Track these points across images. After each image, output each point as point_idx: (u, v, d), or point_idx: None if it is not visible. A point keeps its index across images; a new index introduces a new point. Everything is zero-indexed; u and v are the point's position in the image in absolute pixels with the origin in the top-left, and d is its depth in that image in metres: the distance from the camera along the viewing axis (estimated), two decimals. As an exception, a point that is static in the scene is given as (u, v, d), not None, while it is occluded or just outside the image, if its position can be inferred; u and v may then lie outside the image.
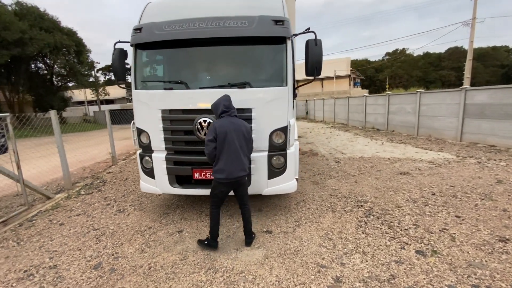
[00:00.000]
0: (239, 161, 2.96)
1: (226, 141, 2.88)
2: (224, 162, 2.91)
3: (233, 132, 2.91)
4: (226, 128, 2.89)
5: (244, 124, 3.07)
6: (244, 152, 3.01)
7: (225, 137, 2.88)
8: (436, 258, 2.80)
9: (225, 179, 2.94)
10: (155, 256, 3.04)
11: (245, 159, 3.03)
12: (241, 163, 2.97)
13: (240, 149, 2.96)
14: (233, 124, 2.95)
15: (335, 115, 20.47)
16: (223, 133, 2.88)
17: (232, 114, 3.03)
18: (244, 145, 3.01)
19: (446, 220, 3.64)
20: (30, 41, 20.41)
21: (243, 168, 3.00)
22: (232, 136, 2.90)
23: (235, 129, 2.93)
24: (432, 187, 5.01)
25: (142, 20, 3.74)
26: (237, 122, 3.01)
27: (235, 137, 2.91)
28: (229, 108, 3.02)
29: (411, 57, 63.54)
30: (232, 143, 2.90)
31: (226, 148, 2.90)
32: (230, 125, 2.93)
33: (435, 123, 10.60)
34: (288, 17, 3.59)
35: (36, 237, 3.63)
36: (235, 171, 2.93)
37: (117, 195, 5.22)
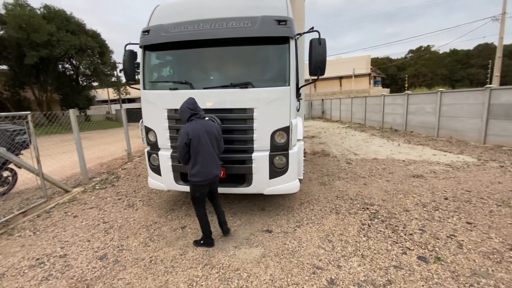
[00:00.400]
0: (215, 161, 3.08)
1: (200, 144, 2.93)
2: (201, 165, 2.97)
3: (206, 135, 2.97)
4: (199, 132, 2.93)
5: (215, 125, 3.20)
6: (217, 152, 3.14)
7: (199, 141, 2.92)
8: (439, 265, 2.69)
9: (203, 181, 3.02)
10: (157, 250, 3.16)
11: (218, 158, 3.17)
12: (217, 163, 3.12)
13: (214, 150, 3.07)
14: (205, 127, 3.01)
15: (352, 114, 20.00)
16: (197, 136, 2.91)
17: (201, 116, 3.10)
18: (216, 145, 3.11)
19: (455, 226, 3.48)
20: (58, 43, 21.65)
21: (218, 167, 3.16)
22: (205, 138, 2.96)
23: (207, 131, 3.00)
24: (446, 191, 4.79)
25: (151, 23, 3.87)
26: (208, 124, 3.08)
27: (208, 139, 2.98)
28: (196, 111, 3.05)
29: (437, 55, 60.62)
30: (206, 145, 2.97)
31: (201, 151, 2.95)
32: (202, 128, 2.97)
33: (457, 124, 10.07)
34: (292, 17, 3.57)
35: (51, 227, 3.89)
36: (212, 171, 3.06)
37: (129, 191, 5.45)
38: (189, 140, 2.91)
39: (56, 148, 9.98)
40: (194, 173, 2.99)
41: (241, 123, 3.56)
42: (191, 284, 2.54)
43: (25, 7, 22.40)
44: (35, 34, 20.32)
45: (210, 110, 3.56)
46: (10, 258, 3.11)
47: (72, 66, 28.19)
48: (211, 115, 3.47)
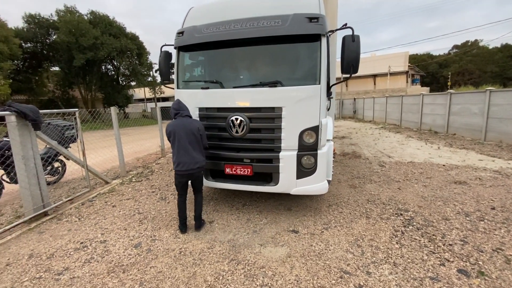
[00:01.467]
0: (189, 156, 3.33)
1: (176, 139, 3.31)
2: (176, 156, 3.36)
3: (182, 131, 3.31)
4: (175, 128, 3.32)
5: (194, 123, 3.41)
6: (195, 148, 3.37)
7: (174, 135, 3.32)
8: (482, 280, 2.46)
9: (179, 171, 3.36)
10: (186, 242, 3.30)
11: (197, 154, 3.39)
12: (192, 158, 3.34)
13: (190, 145, 3.32)
14: (183, 124, 3.35)
15: (386, 115, 18.97)
16: (173, 132, 3.33)
17: (183, 115, 3.43)
18: (195, 142, 3.36)
19: (503, 239, 3.15)
20: (101, 46, 23.49)
21: (195, 162, 3.36)
22: (180, 134, 3.30)
23: (184, 127, 3.32)
24: (493, 200, 4.35)
25: (185, 24, 4.03)
26: (187, 121, 3.39)
27: (183, 135, 3.30)
28: (178, 110, 3.43)
29: (486, 50, 54.93)
30: (181, 140, 3.30)
31: (177, 145, 3.33)
32: (180, 125, 3.34)
33: (509, 127, 9.06)
34: (324, 14, 3.49)
35: (93, 215, 4.24)
36: (186, 165, 3.32)
37: (162, 184, 5.74)
38: (169, 134, 3.38)
39: (98, 143, 10.84)
40: (173, 162, 3.41)
41: (269, 121, 3.57)
42: (217, 278, 2.61)
43: (75, 13, 24.62)
44: (83, 38, 22.25)
45: (239, 109, 3.61)
46: (59, 240, 3.45)
47: (113, 67, 30.40)
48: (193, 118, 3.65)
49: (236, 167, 3.77)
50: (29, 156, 3.92)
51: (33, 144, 4.01)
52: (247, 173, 3.73)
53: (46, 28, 24.30)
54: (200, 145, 3.44)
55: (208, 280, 2.58)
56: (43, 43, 25.29)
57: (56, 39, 23.51)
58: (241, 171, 3.75)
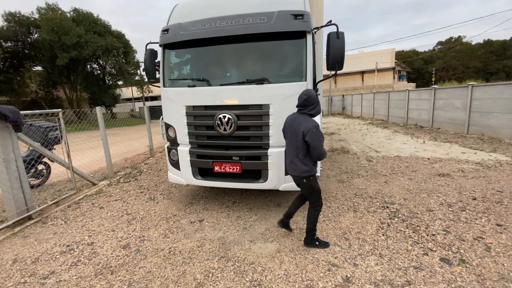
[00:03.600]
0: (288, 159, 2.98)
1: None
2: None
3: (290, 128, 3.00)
4: (286, 122, 3.07)
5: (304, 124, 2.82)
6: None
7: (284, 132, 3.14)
8: (463, 267, 2.56)
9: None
10: (175, 242, 3.28)
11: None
12: (289, 162, 2.96)
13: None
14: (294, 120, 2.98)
15: (374, 110, 19.31)
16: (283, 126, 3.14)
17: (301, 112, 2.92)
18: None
19: (484, 228, 3.28)
20: (86, 44, 22.83)
21: (293, 169, 2.95)
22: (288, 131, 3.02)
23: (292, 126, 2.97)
24: (475, 191, 4.51)
25: (170, 21, 3.98)
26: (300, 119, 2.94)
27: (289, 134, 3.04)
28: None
29: (469, 46, 56.58)
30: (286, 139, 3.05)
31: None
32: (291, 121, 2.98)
33: (490, 120, 9.40)
34: (309, 11, 3.51)
35: (80, 217, 4.16)
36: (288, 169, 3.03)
37: (150, 184, 5.68)
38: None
39: (85, 144, 10.59)
40: None
41: (257, 119, 3.58)
42: (207, 275, 2.61)
43: (57, 11, 23.82)
44: (66, 36, 21.56)
45: (226, 107, 3.61)
46: (44, 244, 3.37)
47: (99, 66, 29.62)
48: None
49: (225, 165, 3.76)
50: (10, 158, 3.80)
51: (14, 147, 3.89)
52: (236, 170, 3.73)
53: (27, 26, 23.38)
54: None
55: (197, 278, 2.58)
56: (24, 42, 24.36)
57: (37, 37, 22.70)
58: (230, 168, 3.75)
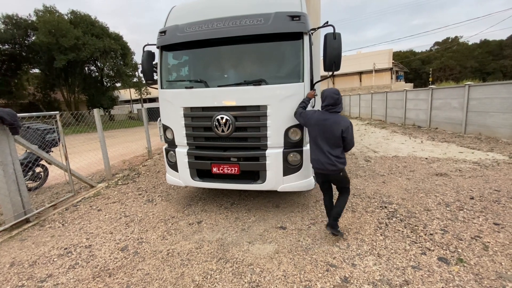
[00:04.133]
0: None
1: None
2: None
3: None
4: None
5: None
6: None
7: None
8: (461, 267, 2.57)
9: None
10: (174, 244, 3.27)
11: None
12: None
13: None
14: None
15: (372, 111, 19.38)
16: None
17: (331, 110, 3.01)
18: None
19: (481, 227, 3.29)
20: (83, 46, 22.81)
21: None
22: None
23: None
24: (472, 190, 4.53)
25: (167, 23, 3.98)
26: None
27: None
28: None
29: (465, 46, 56.91)
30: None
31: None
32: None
33: (487, 120, 9.46)
34: (306, 12, 3.53)
35: (78, 220, 4.14)
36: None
37: (149, 186, 5.66)
38: None
39: (83, 146, 10.56)
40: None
41: (255, 120, 3.58)
42: (205, 277, 2.61)
43: (54, 13, 23.78)
44: (63, 38, 21.52)
45: (224, 108, 3.61)
46: (41, 247, 3.35)
47: (97, 68, 29.59)
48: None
49: (223, 166, 3.76)
50: (7, 161, 3.78)
51: (12, 149, 3.87)
52: (234, 171, 3.73)
53: (25, 29, 23.34)
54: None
55: (196, 280, 2.57)
56: (22, 44, 24.30)
57: (35, 40, 22.64)
58: (228, 170, 3.75)
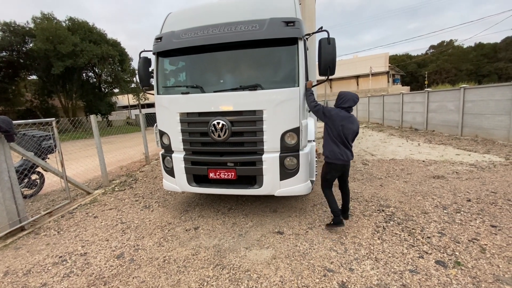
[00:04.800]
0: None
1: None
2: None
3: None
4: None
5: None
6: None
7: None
8: (459, 270, 2.56)
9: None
10: (170, 250, 3.24)
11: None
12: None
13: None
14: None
15: (369, 114, 19.50)
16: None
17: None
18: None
19: (478, 230, 3.29)
20: (81, 53, 22.88)
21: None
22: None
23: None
24: (469, 192, 4.54)
25: (163, 30, 4.01)
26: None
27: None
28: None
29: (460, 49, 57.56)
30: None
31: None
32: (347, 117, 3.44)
33: (483, 122, 9.53)
34: (301, 18, 3.57)
35: (73, 227, 4.10)
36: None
37: (146, 192, 5.63)
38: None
39: (80, 152, 10.52)
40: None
41: (251, 124, 3.59)
42: (202, 284, 2.58)
43: (52, 20, 23.88)
44: (61, 45, 21.59)
45: (220, 113, 3.62)
46: (36, 256, 3.31)
47: (95, 74, 29.64)
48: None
49: (219, 171, 3.76)
50: (2, 169, 3.76)
51: (7, 157, 3.85)
52: (231, 176, 3.72)
53: (22, 36, 23.39)
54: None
55: (192, 287, 2.54)
56: (19, 51, 24.35)
57: (33, 47, 22.69)
58: (225, 175, 3.74)
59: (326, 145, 3.37)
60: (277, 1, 3.74)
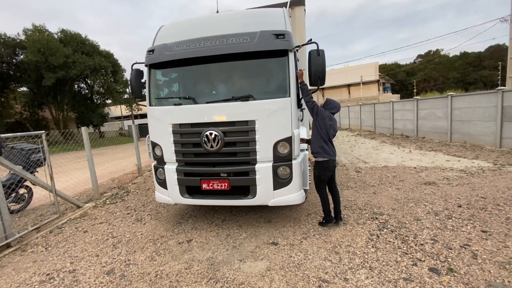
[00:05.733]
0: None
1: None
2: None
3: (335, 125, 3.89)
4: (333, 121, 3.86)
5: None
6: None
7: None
8: (452, 277, 2.57)
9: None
10: (162, 264, 3.17)
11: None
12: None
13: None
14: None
15: (361, 122, 19.79)
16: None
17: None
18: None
19: (469, 235, 3.33)
20: (73, 64, 22.77)
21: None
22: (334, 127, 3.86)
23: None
24: (460, 198, 4.61)
25: (155, 42, 4.05)
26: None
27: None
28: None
29: (447, 58, 59.54)
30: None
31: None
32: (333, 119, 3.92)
33: (470, 128, 9.78)
34: (290, 30, 3.66)
35: (62, 243, 3.98)
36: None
37: (138, 205, 5.53)
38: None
39: (71, 165, 10.31)
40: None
41: (244, 135, 3.61)
42: (195, 299, 2.52)
43: (44, 32, 23.83)
44: (53, 57, 21.48)
45: (213, 124, 3.63)
46: (22, 274, 3.19)
47: (87, 85, 29.47)
48: None
49: (212, 182, 3.73)
50: (-12, 184, 3.65)
51: (-7, 171, 3.75)
52: (224, 187, 3.70)
53: (13, 47, 23.23)
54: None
55: (185, 302, 2.48)
56: (9, 63, 24.12)
57: (23, 58, 22.52)
58: (218, 185, 3.72)
59: (315, 142, 3.69)
60: (267, 15, 3.84)
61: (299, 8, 5.94)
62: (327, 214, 3.84)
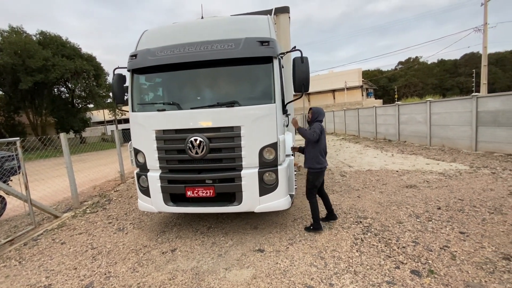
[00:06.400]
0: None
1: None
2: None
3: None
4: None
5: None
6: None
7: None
8: (432, 278, 2.64)
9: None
10: (145, 276, 3.07)
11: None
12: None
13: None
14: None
15: (346, 126, 20.22)
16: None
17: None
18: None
19: (448, 237, 3.44)
20: (53, 67, 21.91)
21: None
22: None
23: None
24: (439, 200, 4.78)
25: (138, 47, 3.98)
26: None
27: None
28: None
29: (426, 65, 62.36)
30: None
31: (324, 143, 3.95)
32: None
33: (448, 133, 10.22)
34: (275, 38, 3.70)
35: (37, 256, 3.77)
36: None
37: (120, 214, 5.35)
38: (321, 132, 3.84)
39: (49, 172, 9.85)
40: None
41: (229, 141, 3.58)
42: (178, 311, 2.45)
43: (21, 34, 22.87)
44: (31, 60, 20.61)
45: (198, 130, 3.58)
46: (-8, 291, 2.99)
47: (68, 89, 28.42)
48: None
49: (197, 189, 3.67)
50: (-45, 195, 3.42)
51: (-39, 181, 3.52)
52: (210, 194, 3.65)
53: (-13, 50, 22.13)
54: None
55: (168, 315, 2.40)
56: (-17, 65, 22.91)
57: (-1, 61, 21.48)
58: (203, 192, 3.66)
59: (314, 158, 3.78)
60: (252, 22, 3.87)
61: (283, 16, 6.04)
62: (317, 222, 3.85)
